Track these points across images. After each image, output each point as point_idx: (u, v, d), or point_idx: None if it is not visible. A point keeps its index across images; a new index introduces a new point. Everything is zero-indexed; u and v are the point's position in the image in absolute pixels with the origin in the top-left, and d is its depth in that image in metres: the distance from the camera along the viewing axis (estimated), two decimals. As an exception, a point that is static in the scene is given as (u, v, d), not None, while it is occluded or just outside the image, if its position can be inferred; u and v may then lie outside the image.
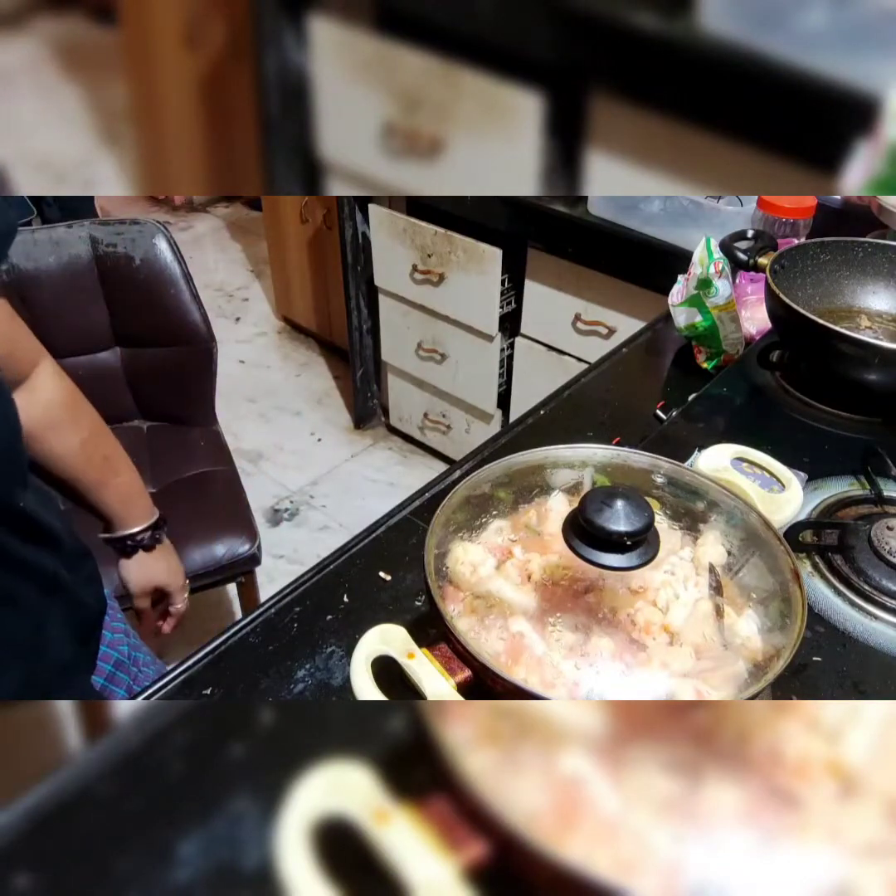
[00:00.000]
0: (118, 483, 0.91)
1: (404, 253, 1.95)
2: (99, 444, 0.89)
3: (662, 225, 1.43)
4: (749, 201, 1.33)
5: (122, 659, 0.90)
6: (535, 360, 1.86)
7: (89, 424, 0.88)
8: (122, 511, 0.93)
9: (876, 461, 0.80)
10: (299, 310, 2.85)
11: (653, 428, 0.95)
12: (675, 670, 0.50)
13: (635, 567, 0.50)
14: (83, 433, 0.87)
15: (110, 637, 0.89)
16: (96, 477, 0.88)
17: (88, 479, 0.88)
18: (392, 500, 0.83)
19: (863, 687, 0.62)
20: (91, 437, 0.88)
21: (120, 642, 0.91)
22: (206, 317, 1.57)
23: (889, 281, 1.01)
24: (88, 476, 0.87)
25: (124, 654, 0.91)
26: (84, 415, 0.88)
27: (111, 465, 0.90)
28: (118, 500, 0.92)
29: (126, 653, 0.91)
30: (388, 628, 0.51)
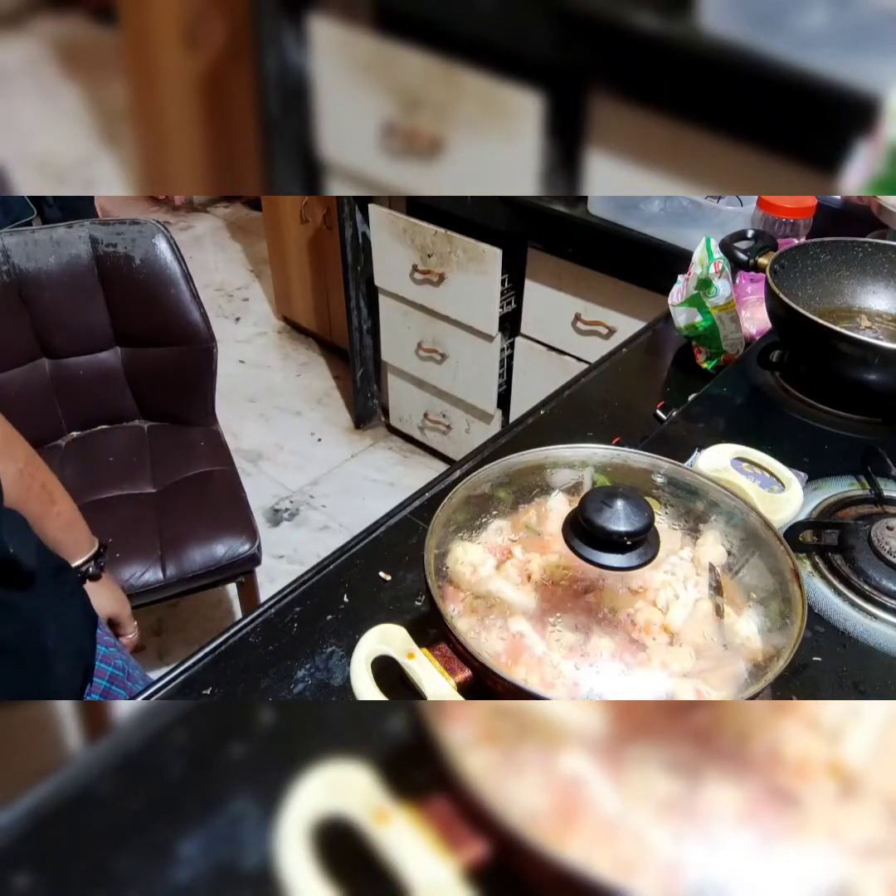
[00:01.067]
0: (57, 512, 0.88)
1: (404, 253, 1.95)
2: (34, 472, 0.86)
3: (662, 225, 1.43)
4: (749, 201, 1.33)
5: (117, 673, 0.88)
6: (535, 360, 1.86)
7: (23, 453, 0.85)
8: (65, 541, 0.89)
9: (876, 461, 0.80)
10: (299, 310, 2.85)
11: (653, 428, 0.95)
12: (675, 670, 0.50)
13: (635, 567, 0.50)
14: (19, 463, 0.83)
15: (104, 651, 0.88)
16: (38, 507, 0.85)
17: (30, 510, 0.83)
18: (392, 500, 0.83)
19: (863, 687, 0.62)
20: (27, 466, 0.85)
21: (114, 656, 0.89)
22: (206, 317, 1.57)
23: (889, 281, 1.01)
24: (30, 507, 0.83)
25: (119, 668, 0.89)
26: (17, 443, 0.85)
27: (48, 492, 0.87)
28: (60, 530, 0.89)
29: (121, 666, 0.90)
30: (388, 628, 0.51)
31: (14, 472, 0.82)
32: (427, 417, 2.30)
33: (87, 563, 0.92)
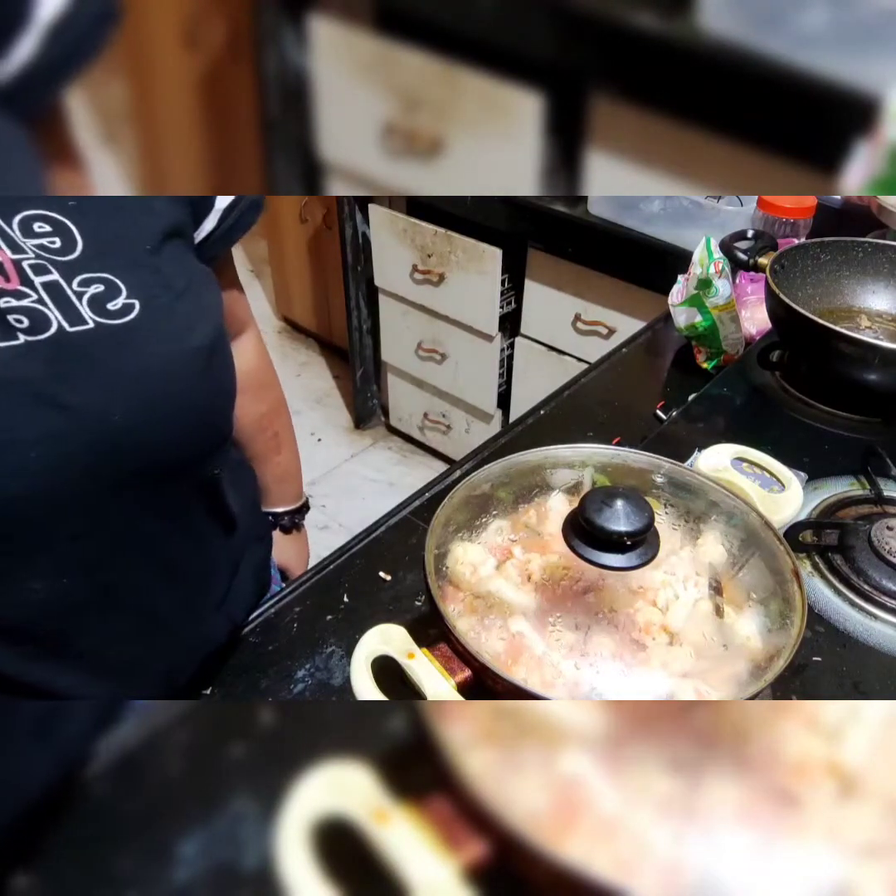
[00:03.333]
0: (278, 461, 0.91)
1: (404, 253, 1.95)
2: (274, 420, 0.89)
3: (662, 225, 1.43)
4: (749, 201, 1.33)
5: None
6: (535, 360, 1.86)
7: (272, 400, 0.89)
8: (273, 488, 0.92)
9: (876, 461, 0.80)
10: (299, 310, 2.85)
11: (653, 428, 0.95)
12: (675, 670, 0.50)
13: (635, 567, 0.50)
14: (264, 406, 0.87)
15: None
16: (260, 450, 0.88)
17: (252, 450, 0.87)
18: (392, 500, 0.83)
19: (863, 687, 0.62)
20: (269, 412, 0.88)
21: None
22: (206, 317, 1.56)
23: (889, 281, 1.01)
24: (253, 447, 0.87)
25: None
26: (271, 389, 0.89)
27: (277, 442, 0.90)
28: (272, 478, 0.91)
29: None
30: (388, 628, 0.51)
31: (255, 414, 0.85)
32: (427, 417, 2.30)
33: (285, 514, 0.95)
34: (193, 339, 0.55)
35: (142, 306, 0.52)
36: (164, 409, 0.53)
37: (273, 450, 0.90)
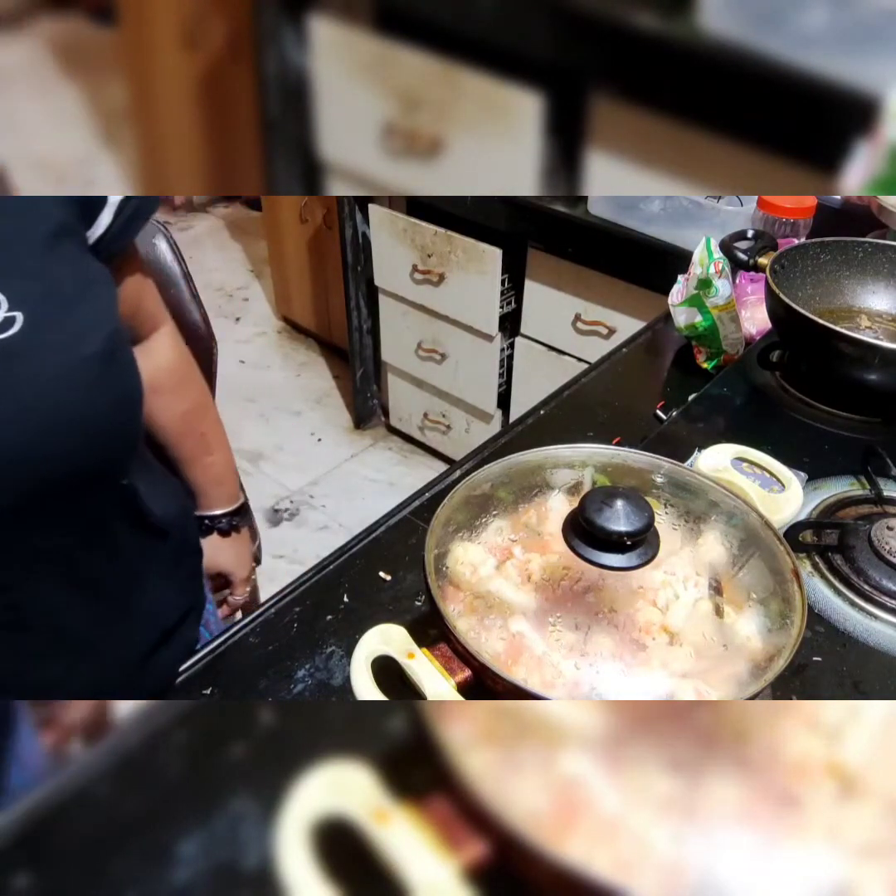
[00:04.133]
0: (209, 462, 0.88)
1: (404, 253, 1.95)
2: (201, 419, 0.86)
3: (662, 225, 1.43)
4: (749, 201, 1.33)
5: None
6: (535, 360, 1.86)
7: (195, 397, 0.86)
8: (208, 491, 0.90)
9: (876, 461, 0.80)
10: (299, 310, 2.85)
11: (653, 428, 0.95)
12: (675, 670, 0.50)
13: (635, 567, 0.50)
14: (186, 405, 0.84)
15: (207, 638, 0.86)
16: (189, 452, 0.86)
17: (180, 453, 0.85)
18: (392, 500, 0.83)
19: (863, 687, 0.62)
20: (193, 411, 0.85)
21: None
22: (206, 317, 1.56)
23: (889, 281, 1.01)
24: (181, 450, 0.85)
25: None
26: (192, 386, 0.86)
27: (206, 442, 0.87)
28: (206, 480, 0.89)
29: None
30: (388, 628, 0.51)
31: (177, 414, 0.83)
32: (427, 417, 2.30)
33: (222, 517, 0.92)
34: (85, 347, 0.53)
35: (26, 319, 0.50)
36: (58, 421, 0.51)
37: (203, 451, 0.87)
